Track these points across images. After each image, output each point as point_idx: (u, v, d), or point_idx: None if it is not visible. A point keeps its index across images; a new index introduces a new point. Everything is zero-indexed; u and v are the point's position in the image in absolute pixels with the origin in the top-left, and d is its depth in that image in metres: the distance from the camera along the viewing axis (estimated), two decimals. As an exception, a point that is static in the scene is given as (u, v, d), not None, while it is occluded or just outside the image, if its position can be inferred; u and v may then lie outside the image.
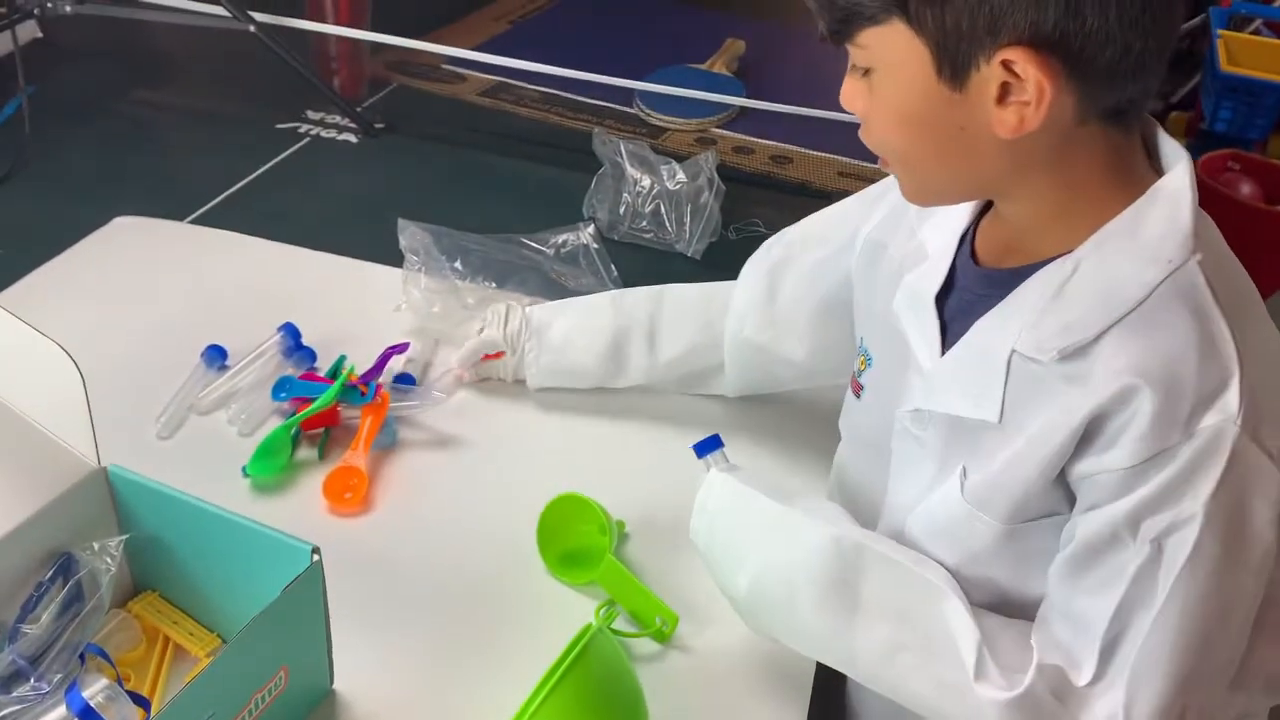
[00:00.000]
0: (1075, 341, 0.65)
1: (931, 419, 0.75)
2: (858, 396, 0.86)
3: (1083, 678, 0.66)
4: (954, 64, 0.63)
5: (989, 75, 0.63)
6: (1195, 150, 1.73)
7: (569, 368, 1.08)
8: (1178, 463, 0.62)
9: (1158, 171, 0.68)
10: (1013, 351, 0.68)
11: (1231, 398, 0.61)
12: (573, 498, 0.94)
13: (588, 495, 0.94)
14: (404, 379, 1.12)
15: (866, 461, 0.86)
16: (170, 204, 1.42)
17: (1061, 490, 0.68)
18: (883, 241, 0.84)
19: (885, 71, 0.67)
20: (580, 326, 1.07)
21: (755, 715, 0.83)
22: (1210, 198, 1.61)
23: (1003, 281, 0.71)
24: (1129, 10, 0.60)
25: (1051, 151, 0.66)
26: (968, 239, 0.76)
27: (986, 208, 0.77)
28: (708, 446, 0.86)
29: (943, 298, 0.76)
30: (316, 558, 0.74)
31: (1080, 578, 0.67)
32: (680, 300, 1.07)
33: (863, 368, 0.85)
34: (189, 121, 1.69)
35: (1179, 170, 0.67)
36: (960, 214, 0.77)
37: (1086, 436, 0.65)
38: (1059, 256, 0.68)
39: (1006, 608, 0.73)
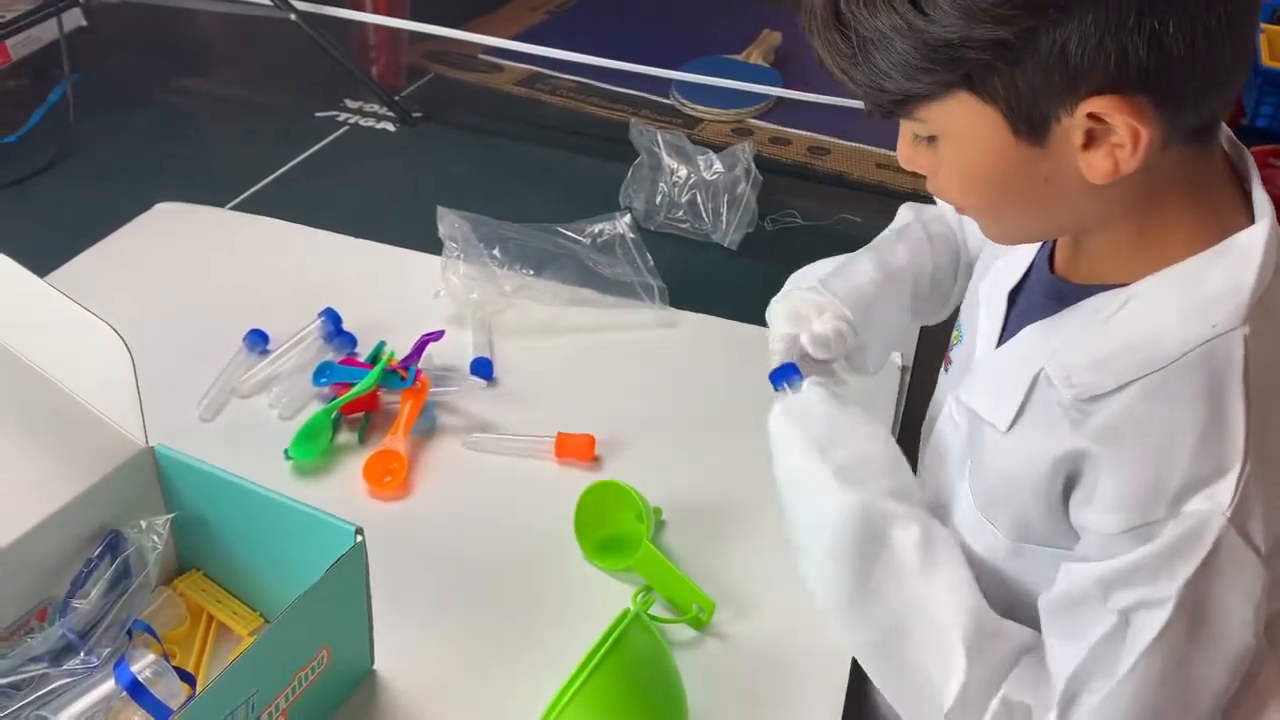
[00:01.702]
0: (1097, 388, 0.62)
1: (964, 408, 0.74)
2: (945, 371, 0.85)
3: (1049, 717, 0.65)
4: (1031, 123, 0.58)
5: (1072, 125, 0.58)
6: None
7: (894, 295, 0.92)
8: (1158, 541, 0.60)
9: (1247, 213, 0.64)
10: (1041, 369, 0.66)
11: (1225, 487, 0.58)
12: (610, 484, 0.94)
13: (625, 482, 0.94)
14: (482, 364, 1.12)
15: (928, 432, 0.85)
16: (211, 191, 1.44)
17: (1064, 524, 0.67)
18: None
19: (953, 140, 0.62)
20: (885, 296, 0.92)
21: (792, 702, 0.83)
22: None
23: (1063, 295, 0.69)
24: (1214, 28, 0.55)
25: (1139, 184, 0.61)
26: (1049, 245, 0.74)
27: None
28: (784, 374, 0.83)
29: (1017, 293, 0.74)
30: (360, 538, 0.75)
31: (1056, 623, 0.67)
32: (938, 230, 0.97)
33: (955, 342, 0.84)
34: (230, 109, 1.71)
35: (1259, 228, 0.62)
36: None
37: (1071, 477, 0.64)
38: (1118, 286, 0.65)
39: (1014, 617, 0.72)
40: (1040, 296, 0.72)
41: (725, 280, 1.36)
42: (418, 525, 0.97)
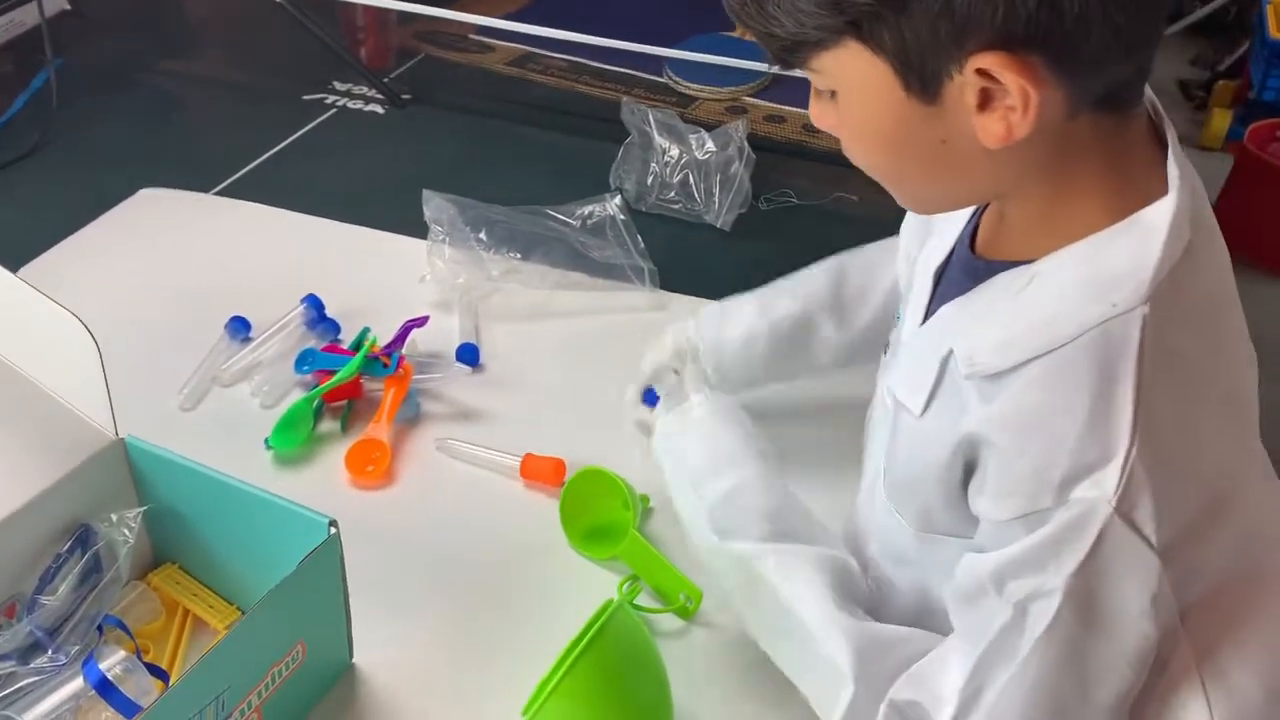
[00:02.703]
0: (994, 368, 0.61)
1: (889, 393, 0.72)
2: (884, 354, 0.83)
3: (943, 717, 0.63)
4: (922, 78, 0.57)
5: (964, 83, 0.56)
6: (1243, 119, 1.67)
7: (749, 359, 0.97)
8: (1046, 529, 0.58)
9: (1166, 185, 0.61)
10: (950, 350, 0.64)
11: (1110, 474, 0.56)
12: (596, 472, 0.93)
13: (611, 470, 0.92)
14: (467, 350, 1.10)
15: (868, 418, 0.84)
16: (196, 176, 1.42)
17: (966, 513, 0.65)
18: None
19: (848, 93, 0.61)
20: (754, 320, 0.98)
21: (780, 692, 0.81)
22: (1257, 168, 1.55)
23: (976, 273, 0.67)
24: None
25: (1041, 151, 0.59)
26: (977, 214, 0.71)
27: None
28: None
29: (943, 273, 0.72)
30: (334, 531, 0.73)
31: (959, 616, 0.65)
32: (865, 263, 0.98)
33: (895, 326, 0.82)
34: (215, 93, 1.69)
35: (1167, 203, 0.59)
36: None
37: (969, 463, 0.63)
38: (1026, 263, 0.62)
39: (930, 611, 0.71)
40: (959, 275, 0.70)
41: (718, 262, 1.34)
42: (400, 515, 0.95)
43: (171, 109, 1.63)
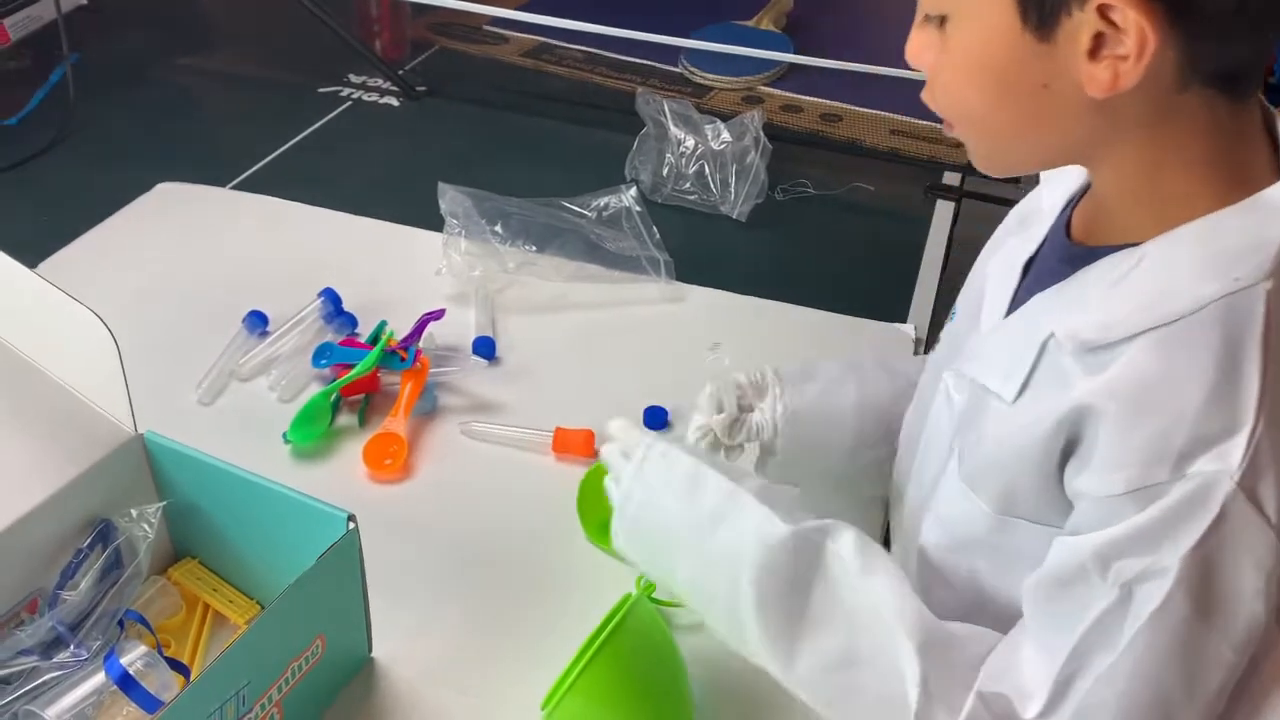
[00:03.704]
0: (1104, 340, 0.59)
1: (964, 383, 0.71)
2: (933, 350, 0.82)
3: (1031, 709, 0.60)
4: (1041, 11, 0.56)
5: (1081, 23, 0.55)
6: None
7: (819, 400, 0.87)
8: (1162, 503, 0.56)
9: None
10: (1050, 335, 0.63)
11: (1234, 448, 0.55)
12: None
13: None
14: (484, 343, 1.10)
15: (911, 427, 0.82)
16: (213, 170, 1.42)
17: (1056, 497, 0.63)
18: (1018, 207, 0.77)
19: (962, 19, 0.60)
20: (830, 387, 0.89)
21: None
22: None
23: (1074, 258, 0.65)
24: None
25: (1145, 118, 0.58)
26: (1071, 205, 0.70)
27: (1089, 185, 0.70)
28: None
29: (1030, 266, 0.71)
30: (352, 525, 0.73)
31: (1047, 604, 0.62)
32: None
33: (948, 323, 0.81)
34: (231, 87, 1.69)
35: None
36: (1079, 171, 0.70)
37: (1071, 440, 0.60)
38: (1131, 245, 0.61)
39: (982, 606, 0.69)
40: (1053, 263, 0.68)
41: (734, 253, 1.33)
42: (418, 508, 0.95)
43: (187, 103, 1.63)
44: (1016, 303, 0.70)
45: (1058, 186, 0.71)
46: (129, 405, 0.78)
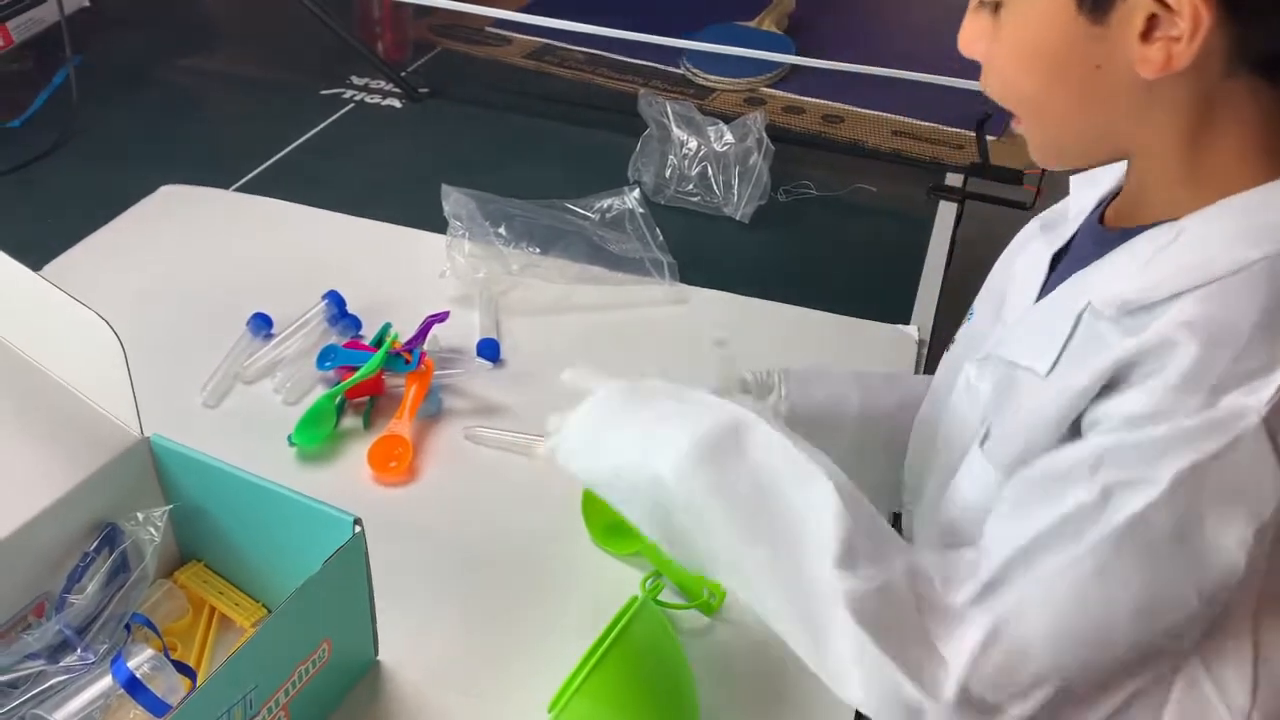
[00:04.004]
0: (1145, 300, 0.59)
1: (991, 368, 0.70)
2: (948, 350, 0.82)
3: (958, 596, 0.58)
4: None
5: (1136, 5, 0.57)
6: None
7: (823, 403, 0.89)
8: (1177, 424, 0.55)
9: None
10: (1087, 304, 0.63)
11: (1269, 384, 0.54)
12: None
13: None
14: (488, 345, 1.10)
15: (928, 420, 0.82)
16: (216, 172, 1.42)
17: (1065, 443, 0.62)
18: (1040, 215, 0.78)
19: (1017, 4, 0.62)
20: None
21: (805, 690, 0.81)
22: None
23: (1109, 241, 0.66)
24: None
25: (1192, 103, 0.60)
26: (1104, 204, 0.71)
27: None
28: None
29: (1059, 259, 0.72)
30: (358, 529, 0.73)
31: (1014, 499, 0.61)
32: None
33: (964, 324, 0.81)
34: (234, 89, 1.69)
35: None
36: (1110, 175, 0.71)
37: (1110, 384, 0.59)
38: (1169, 221, 0.62)
39: None
40: (1087, 250, 0.69)
41: (737, 254, 1.33)
42: (423, 511, 0.95)
43: (190, 105, 1.63)
44: (1045, 293, 0.70)
45: (1088, 190, 0.72)
46: (135, 408, 0.79)
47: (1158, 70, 0.58)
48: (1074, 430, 0.62)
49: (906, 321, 1.21)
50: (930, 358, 1.18)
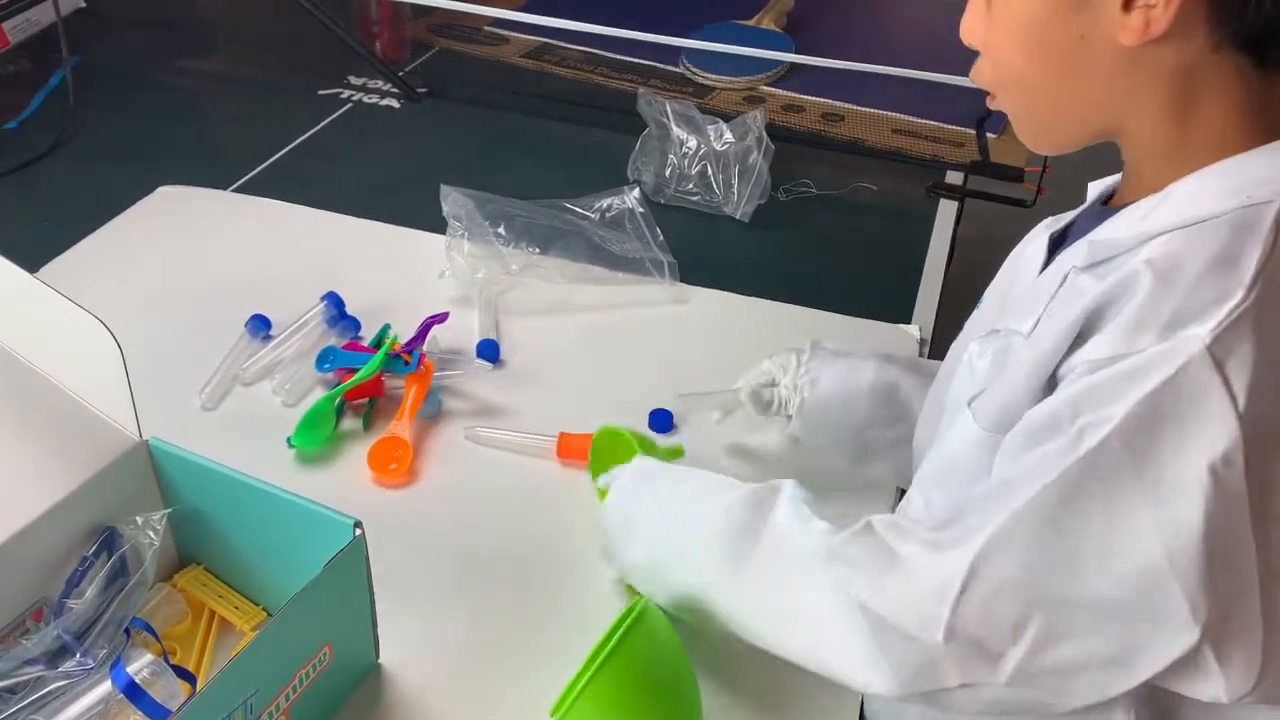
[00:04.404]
0: (1118, 248, 0.61)
1: (991, 343, 0.71)
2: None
3: (932, 527, 0.62)
4: None
5: None
6: None
7: (843, 388, 0.92)
8: (1133, 360, 0.56)
9: None
10: (1071, 268, 0.64)
11: (1217, 315, 0.55)
12: (616, 433, 0.91)
13: (635, 431, 0.92)
14: (488, 346, 1.10)
15: (933, 401, 0.82)
16: (214, 173, 1.41)
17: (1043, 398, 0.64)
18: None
19: None
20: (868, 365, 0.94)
21: (811, 694, 0.81)
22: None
23: (1104, 216, 0.67)
24: None
25: (1175, 74, 0.61)
26: (1109, 194, 0.72)
27: None
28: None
29: (1060, 242, 0.73)
30: (359, 532, 0.73)
31: (1010, 462, 0.62)
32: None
33: (974, 313, 0.82)
34: (231, 89, 1.68)
35: None
36: (1113, 180, 0.73)
37: (1082, 333, 0.60)
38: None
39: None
40: (1084, 225, 0.70)
41: (738, 254, 1.33)
42: (424, 513, 0.95)
43: (188, 106, 1.63)
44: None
45: (1096, 189, 0.73)
46: (133, 411, 0.78)
47: (1137, 37, 0.59)
48: (1051, 385, 0.62)
49: (907, 321, 1.21)
50: (931, 357, 1.17)
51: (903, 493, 0.88)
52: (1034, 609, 0.59)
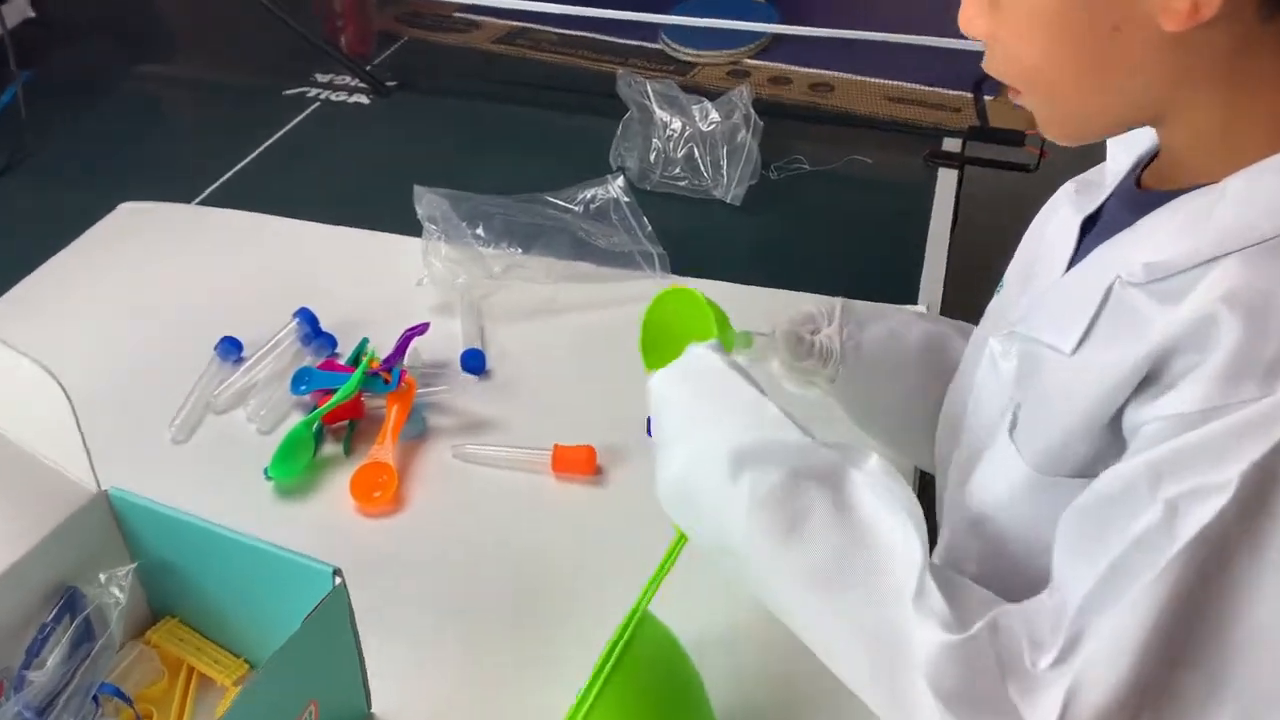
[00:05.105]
0: (1185, 264, 0.53)
1: (1015, 345, 0.65)
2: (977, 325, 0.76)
3: (1042, 660, 0.53)
4: None
5: None
6: None
7: (890, 347, 0.83)
8: (1234, 418, 0.49)
9: None
10: (1116, 278, 0.57)
11: None
12: (684, 293, 0.80)
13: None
14: (472, 357, 1.04)
15: (955, 399, 0.76)
16: (178, 185, 1.35)
17: (1108, 446, 0.57)
18: (1077, 178, 0.72)
19: None
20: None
21: (820, 693, 0.75)
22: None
23: (1148, 204, 0.59)
24: None
25: (1226, 54, 0.54)
26: (1140, 166, 0.65)
27: None
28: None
29: (1092, 223, 0.66)
30: (339, 580, 0.67)
31: (1077, 535, 0.55)
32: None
33: (995, 296, 0.75)
34: (192, 96, 1.61)
35: None
36: (1148, 134, 0.65)
37: (1150, 375, 0.54)
38: (1209, 184, 0.56)
39: (1013, 580, 0.61)
40: (1119, 214, 0.63)
41: (731, 239, 1.27)
42: (413, 543, 0.89)
43: (148, 116, 1.56)
44: (1076, 260, 0.64)
45: (1123, 152, 0.66)
46: (88, 461, 0.72)
47: (1183, 22, 0.51)
48: (1113, 426, 0.56)
49: (914, 301, 1.15)
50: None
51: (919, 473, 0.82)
52: (1144, 710, 0.51)
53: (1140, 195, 0.62)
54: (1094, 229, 0.65)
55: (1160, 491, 0.51)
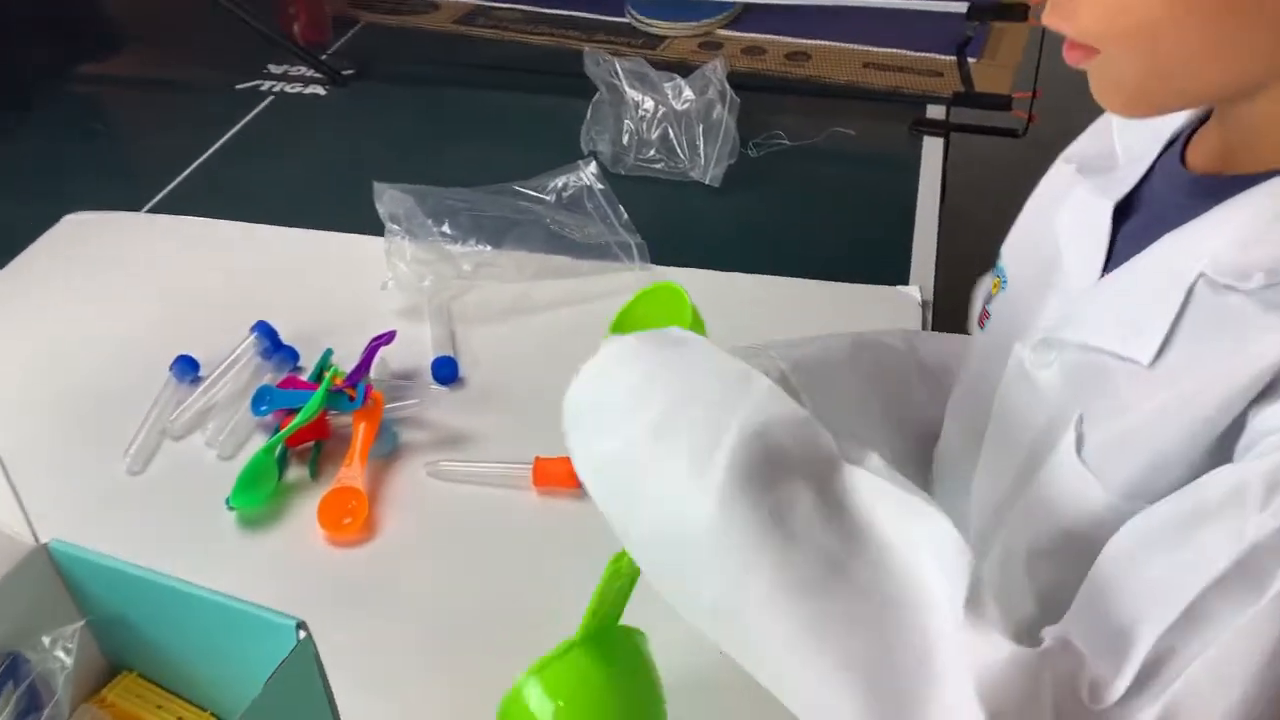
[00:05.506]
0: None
1: (1059, 354, 0.58)
2: (981, 329, 0.69)
3: (1108, 694, 0.46)
4: None
5: None
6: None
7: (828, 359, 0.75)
8: None
9: None
10: (1200, 275, 0.51)
11: None
12: (666, 289, 0.74)
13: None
14: (443, 365, 0.98)
15: (971, 413, 0.69)
16: (126, 191, 1.28)
17: (1209, 468, 0.50)
18: (1070, 155, 0.65)
19: None
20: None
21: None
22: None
23: (1215, 190, 0.53)
24: None
25: None
26: (1178, 145, 0.58)
27: (1205, 115, 0.58)
28: None
29: (1123, 212, 0.59)
30: (303, 635, 0.61)
31: (1170, 541, 0.48)
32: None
33: (994, 293, 0.68)
34: (139, 95, 1.54)
35: None
36: (1173, 118, 0.59)
37: (1271, 387, 0.48)
38: None
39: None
40: (1175, 199, 0.56)
41: (711, 224, 1.21)
42: (387, 571, 0.83)
43: (92, 119, 1.49)
44: (1117, 254, 0.58)
45: (1143, 134, 0.59)
46: (22, 513, 0.66)
47: None
48: (1221, 444, 0.50)
49: (905, 281, 1.09)
50: (935, 317, 1.06)
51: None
52: None
53: (1201, 180, 0.55)
54: (1132, 218, 0.58)
55: (1274, 504, 0.45)
